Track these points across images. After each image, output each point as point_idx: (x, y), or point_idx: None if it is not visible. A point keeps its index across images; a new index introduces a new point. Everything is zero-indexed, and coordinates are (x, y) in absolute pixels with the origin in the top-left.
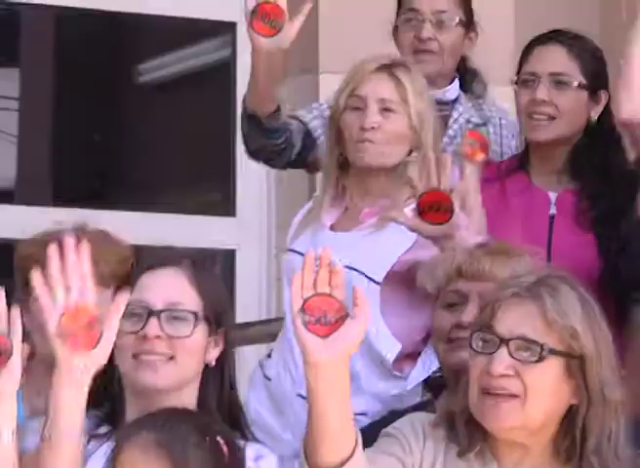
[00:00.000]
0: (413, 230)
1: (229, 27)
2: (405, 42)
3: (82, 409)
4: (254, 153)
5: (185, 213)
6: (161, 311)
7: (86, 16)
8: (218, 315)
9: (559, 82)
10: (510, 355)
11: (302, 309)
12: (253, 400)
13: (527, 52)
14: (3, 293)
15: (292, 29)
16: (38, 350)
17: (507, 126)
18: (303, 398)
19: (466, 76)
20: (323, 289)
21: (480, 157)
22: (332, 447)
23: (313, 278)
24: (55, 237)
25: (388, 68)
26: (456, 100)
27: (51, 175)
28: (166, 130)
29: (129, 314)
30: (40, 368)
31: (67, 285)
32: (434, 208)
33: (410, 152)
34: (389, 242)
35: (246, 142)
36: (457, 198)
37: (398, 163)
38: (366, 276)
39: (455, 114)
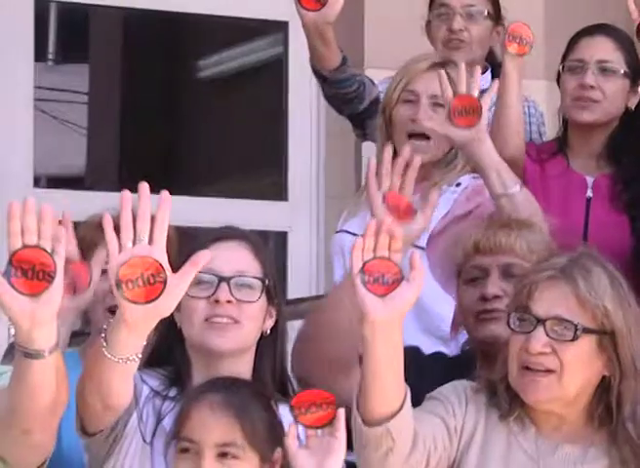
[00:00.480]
0: (445, 135)
1: (282, 26)
2: (438, 35)
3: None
4: (328, 99)
5: (242, 197)
6: (231, 278)
7: (150, 16)
8: (274, 287)
9: (605, 69)
10: (547, 334)
11: (362, 270)
12: None
13: (573, 42)
14: (50, 212)
15: (337, 3)
16: None
17: (536, 114)
18: None
19: (495, 69)
20: (382, 253)
21: (522, 49)
22: (383, 399)
23: (374, 243)
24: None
25: (440, 66)
26: (487, 90)
27: (117, 163)
28: (223, 121)
29: (198, 281)
30: None
31: (136, 235)
32: (464, 112)
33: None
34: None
35: (326, 97)
36: (485, 102)
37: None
38: (414, 245)
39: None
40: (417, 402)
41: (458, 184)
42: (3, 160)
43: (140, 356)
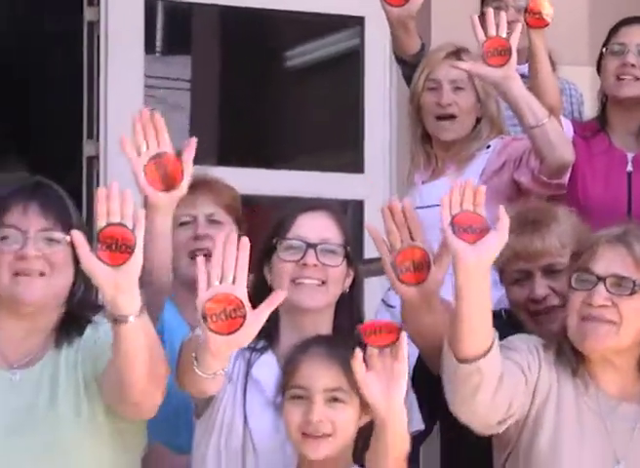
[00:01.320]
0: (480, 75)
1: (358, 21)
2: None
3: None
4: (406, 80)
5: (324, 171)
6: (317, 244)
7: (243, 13)
8: (352, 251)
9: None
10: (607, 290)
11: (452, 222)
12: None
13: (615, 30)
14: (130, 195)
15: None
16: None
17: (575, 96)
18: None
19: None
20: (468, 206)
21: (544, 22)
22: (475, 340)
23: (460, 198)
24: None
25: (455, 54)
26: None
27: (215, 141)
28: (307, 105)
29: (289, 246)
30: None
31: (223, 273)
32: (496, 52)
33: (477, 121)
34: (469, 176)
35: (405, 78)
36: (514, 42)
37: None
38: None
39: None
40: None
41: (488, 147)
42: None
43: (227, 369)
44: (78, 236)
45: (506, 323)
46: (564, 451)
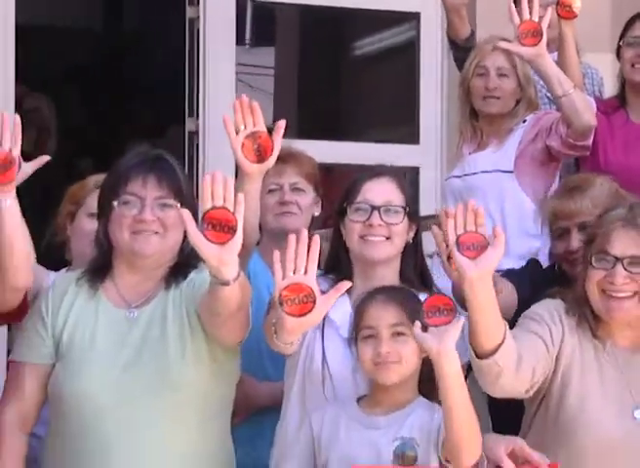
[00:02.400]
0: (516, 53)
1: (415, 16)
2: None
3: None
4: (456, 62)
5: (385, 142)
6: (380, 207)
7: (319, 9)
8: (412, 210)
9: None
10: (625, 269)
11: (457, 241)
12: (437, 273)
13: (631, 22)
14: (232, 182)
15: None
16: None
17: (596, 79)
18: None
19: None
20: (471, 227)
21: (573, 14)
22: (488, 337)
23: (463, 220)
24: None
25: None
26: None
27: (296, 119)
28: (372, 87)
29: (357, 209)
30: None
31: (296, 266)
32: (529, 34)
33: (517, 102)
34: (509, 146)
35: (455, 59)
36: (544, 25)
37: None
38: (502, 171)
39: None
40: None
41: (524, 121)
42: (215, 118)
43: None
44: (187, 214)
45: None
46: (590, 401)
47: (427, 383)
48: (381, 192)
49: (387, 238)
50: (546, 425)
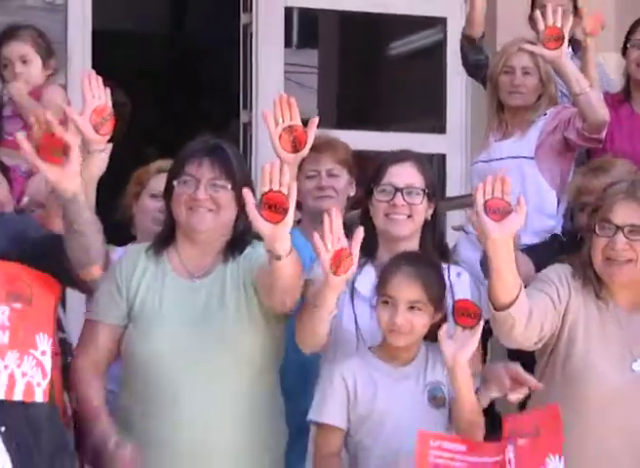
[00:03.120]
0: (539, 55)
1: (442, 20)
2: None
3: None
4: (469, 67)
5: (416, 132)
6: (403, 189)
7: (357, 15)
8: (431, 191)
9: None
10: (625, 236)
11: (485, 205)
12: (462, 245)
13: (636, 25)
14: (279, 164)
15: None
16: None
17: (604, 75)
18: None
19: (574, 44)
20: (498, 194)
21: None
22: (506, 292)
23: (491, 187)
24: None
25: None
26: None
27: (335, 110)
28: (405, 83)
29: (382, 190)
30: None
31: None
32: (552, 39)
33: (539, 97)
34: (531, 136)
35: (464, 58)
36: (566, 31)
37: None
38: (524, 157)
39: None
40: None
41: (544, 114)
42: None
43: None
44: (249, 196)
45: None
46: (593, 355)
47: (430, 332)
48: (404, 175)
49: (409, 216)
50: (554, 377)
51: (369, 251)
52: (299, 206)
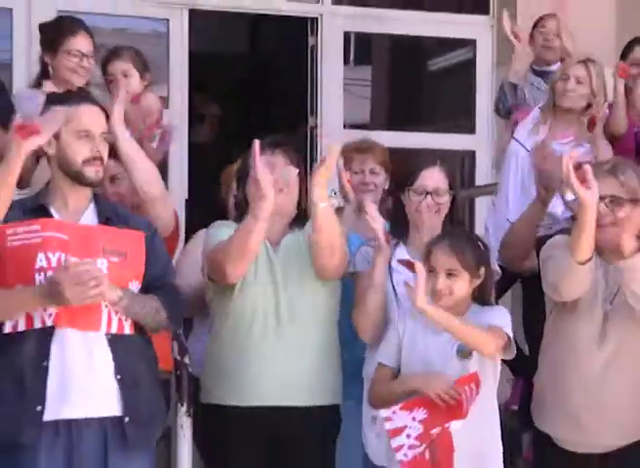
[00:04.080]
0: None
1: (472, 42)
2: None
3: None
4: (500, 110)
5: (451, 133)
6: (432, 192)
7: (402, 37)
8: (454, 188)
9: None
10: (605, 205)
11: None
12: (489, 223)
13: (629, 47)
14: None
15: None
16: None
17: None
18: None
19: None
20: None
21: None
22: (588, 250)
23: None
24: None
25: (584, 61)
26: None
27: (387, 116)
28: (441, 92)
29: (415, 191)
30: None
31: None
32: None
33: (588, 105)
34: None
35: (500, 100)
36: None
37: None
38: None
39: None
40: None
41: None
42: (328, 116)
43: None
44: (293, 174)
45: None
46: (582, 300)
47: (479, 294)
48: (433, 180)
49: (436, 211)
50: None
51: (401, 234)
52: (345, 197)
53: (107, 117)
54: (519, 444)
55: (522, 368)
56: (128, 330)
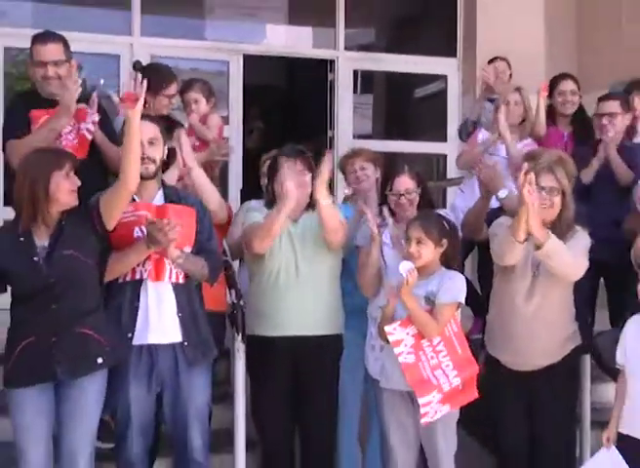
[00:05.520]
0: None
1: (445, 77)
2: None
3: None
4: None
5: (429, 141)
6: (404, 193)
7: (394, 73)
8: (421, 185)
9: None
10: (546, 193)
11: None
12: (458, 198)
13: (554, 81)
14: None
15: None
16: None
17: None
18: None
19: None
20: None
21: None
22: (524, 231)
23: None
24: None
25: (517, 89)
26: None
27: (383, 129)
28: (422, 112)
29: (392, 193)
30: None
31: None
32: None
33: (522, 120)
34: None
35: (462, 131)
36: None
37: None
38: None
39: None
40: None
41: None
42: (342, 130)
43: None
44: (309, 178)
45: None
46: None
47: (445, 260)
48: (404, 184)
49: (409, 205)
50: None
51: (382, 222)
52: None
53: (168, 128)
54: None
55: (478, 308)
56: (182, 280)
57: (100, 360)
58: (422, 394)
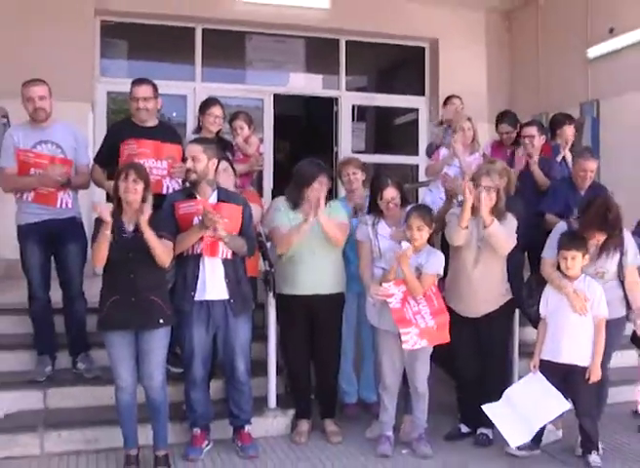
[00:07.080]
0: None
1: (416, 109)
2: None
3: None
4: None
5: (405, 155)
6: (391, 200)
7: (380, 107)
8: (402, 192)
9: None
10: (486, 191)
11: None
12: (426, 196)
13: (499, 119)
14: None
15: None
16: None
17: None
18: None
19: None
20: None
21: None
22: (466, 220)
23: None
24: None
25: (468, 119)
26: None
27: (373, 144)
28: (400, 135)
29: (382, 200)
30: None
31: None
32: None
33: (472, 139)
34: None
35: (429, 152)
36: None
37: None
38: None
39: None
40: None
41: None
42: (345, 149)
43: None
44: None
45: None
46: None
47: (429, 240)
48: (390, 193)
49: (395, 207)
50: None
51: (379, 215)
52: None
53: (222, 146)
54: None
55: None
56: (230, 255)
57: (161, 320)
58: (403, 327)
